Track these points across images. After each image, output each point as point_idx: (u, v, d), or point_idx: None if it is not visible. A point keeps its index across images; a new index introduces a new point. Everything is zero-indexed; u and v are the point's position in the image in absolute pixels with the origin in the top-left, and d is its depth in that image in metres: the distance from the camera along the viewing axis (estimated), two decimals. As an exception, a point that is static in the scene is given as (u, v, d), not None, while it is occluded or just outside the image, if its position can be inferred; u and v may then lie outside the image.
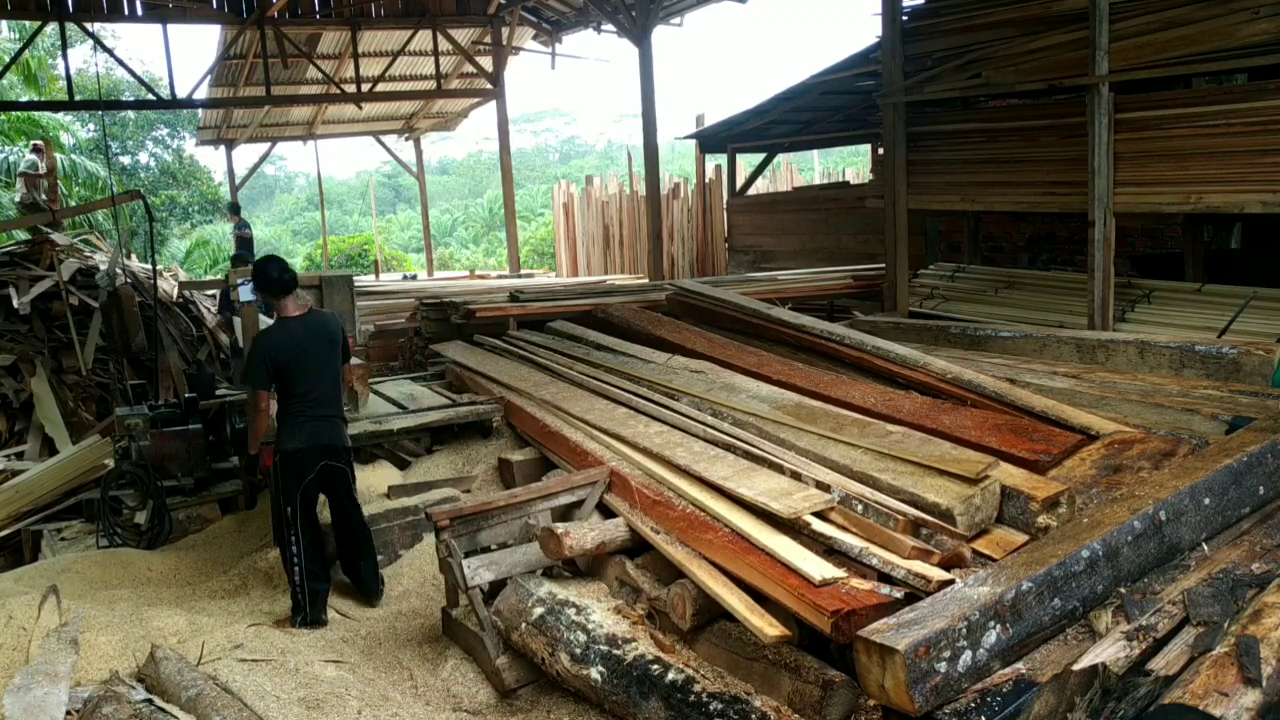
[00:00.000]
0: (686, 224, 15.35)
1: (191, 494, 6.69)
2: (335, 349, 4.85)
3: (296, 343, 4.68)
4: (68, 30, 12.95)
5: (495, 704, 4.08)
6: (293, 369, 4.65)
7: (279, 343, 4.69)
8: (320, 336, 4.77)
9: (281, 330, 4.75)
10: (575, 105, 55.89)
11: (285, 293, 4.77)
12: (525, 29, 15.84)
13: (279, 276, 4.77)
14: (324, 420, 4.78)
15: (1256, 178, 6.16)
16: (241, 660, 4.28)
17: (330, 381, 4.80)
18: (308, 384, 4.71)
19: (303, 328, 4.74)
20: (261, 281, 4.79)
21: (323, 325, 4.83)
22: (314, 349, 4.72)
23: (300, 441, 4.73)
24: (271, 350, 4.66)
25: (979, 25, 7.52)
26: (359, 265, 21.40)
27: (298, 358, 4.65)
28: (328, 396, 4.79)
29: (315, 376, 4.72)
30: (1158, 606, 3.19)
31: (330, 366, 4.80)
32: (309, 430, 4.73)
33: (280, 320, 4.78)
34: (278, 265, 4.84)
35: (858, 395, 5.47)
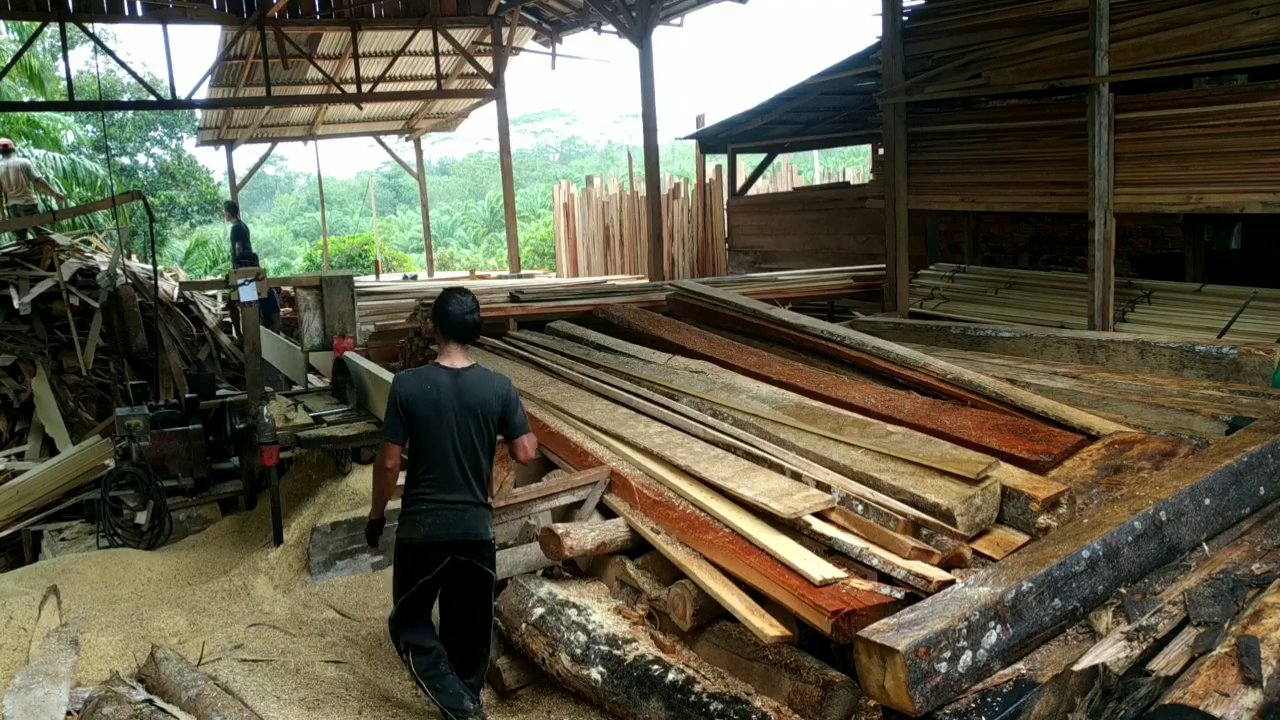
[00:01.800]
0: (687, 224, 15.35)
1: (192, 494, 6.71)
2: (487, 423, 3.76)
3: (437, 395, 3.68)
4: (68, 31, 12.95)
5: (496, 704, 4.08)
6: (423, 427, 3.67)
7: (414, 389, 3.70)
8: (471, 400, 3.71)
9: (424, 375, 3.77)
10: (575, 106, 55.94)
11: (459, 339, 3.81)
12: (525, 29, 15.84)
13: (462, 317, 3.79)
14: (454, 507, 3.70)
15: (1257, 178, 6.16)
16: (242, 660, 4.29)
17: (469, 460, 3.72)
18: (438, 454, 3.67)
19: (452, 380, 3.72)
20: (438, 313, 3.83)
21: (479, 387, 3.75)
22: (456, 412, 3.68)
23: (420, 534, 3.69)
24: (403, 395, 3.70)
25: (979, 25, 7.52)
26: (359, 265, 21.39)
27: (432, 415, 3.66)
28: (464, 478, 3.71)
29: (449, 448, 3.68)
30: (1158, 607, 3.19)
31: (473, 441, 3.72)
32: (432, 520, 3.68)
33: (431, 365, 3.83)
34: (463, 304, 3.82)
35: (858, 395, 5.47)
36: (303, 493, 6.42)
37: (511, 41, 15.80)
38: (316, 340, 6.52)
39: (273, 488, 5.97)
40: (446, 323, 3.79)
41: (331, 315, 6.48)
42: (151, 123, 25.15)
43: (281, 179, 44.44)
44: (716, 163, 15.01)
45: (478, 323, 3.85)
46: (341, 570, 5.65)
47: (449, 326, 3.79)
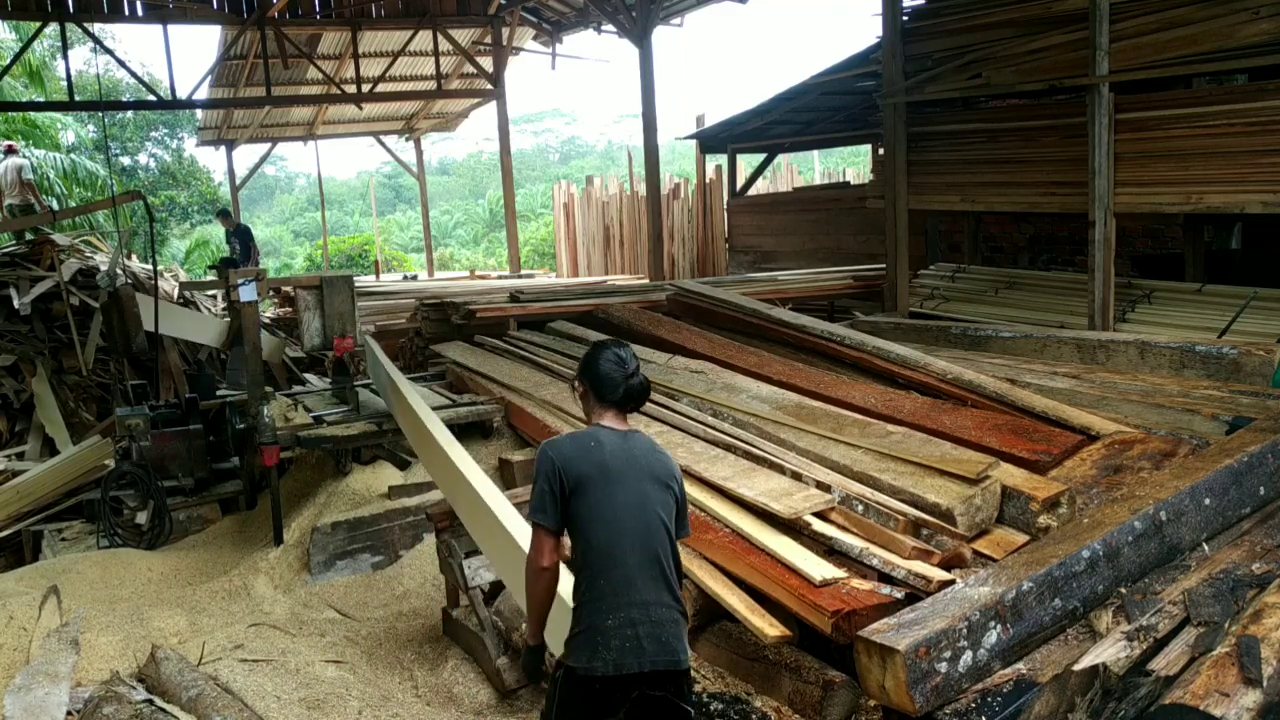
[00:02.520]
0: (687, 224, 15.35)
1: (192, 494, 6.70)
2: (671, 496, 2.77)
3: (604, 455, 2.71)
4: (68, 31, 12.95)
5: (496, 704, 4.08)
6: (591, 501, 2.65)
7: (572, 449, 2.72)
8: (649, 465, 2.75)
9: (585, 438, 2.78)
10: (576, 105, 55.89)
11: (619, 406, 2.85)
12: (525, 29, 15.84)
13: (624, 380, 2.84)
14: (648, 618, 2.60)
15: (1257, 178, 6.16)
16: (242, 661, 4.29)
17: (660, 545, 2.68)
18: (616, 538, 2.63)
19: (621, 441, 2.77)
20: (590, 373, 2.87)
21: (653, 453, 2.82)
22: (634, 477, 2.70)
23: (605, 661, 2.56)
24: (559, 457, 2.70)
25: (979, 25, 7.52)
26: (359, 266, 21.38)
27: (601, 481, 2.67)
28: (656, 571, 2.65)
29: (631, 528, 2.65)
30: (1158, 607, 3.19)
31: (660, 517, 2.70)
32: (621, 639, 2.57)
33: (593, 427, 2.85)
34: (620, 362, 2.88)
35: (858, 395, 5.47)
36: (303, 493, 6.42)
37: (511, 41, 15.80)
38: (316, 340, 6.51)
39: (273, 488, 5.97)
40: (600, 386, 2.84)
41: (331, 315, 6.47)
42: (153, 123, 25.16)
43: (281, 179, 44.43)
44: (716, 163, 15.01)
45: (645, 385, 2.90)
46: (342, 570, 5.65)
47: (604, 391, 2.84)
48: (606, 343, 3.03)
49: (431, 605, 5.06)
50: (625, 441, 2.79)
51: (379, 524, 5.80)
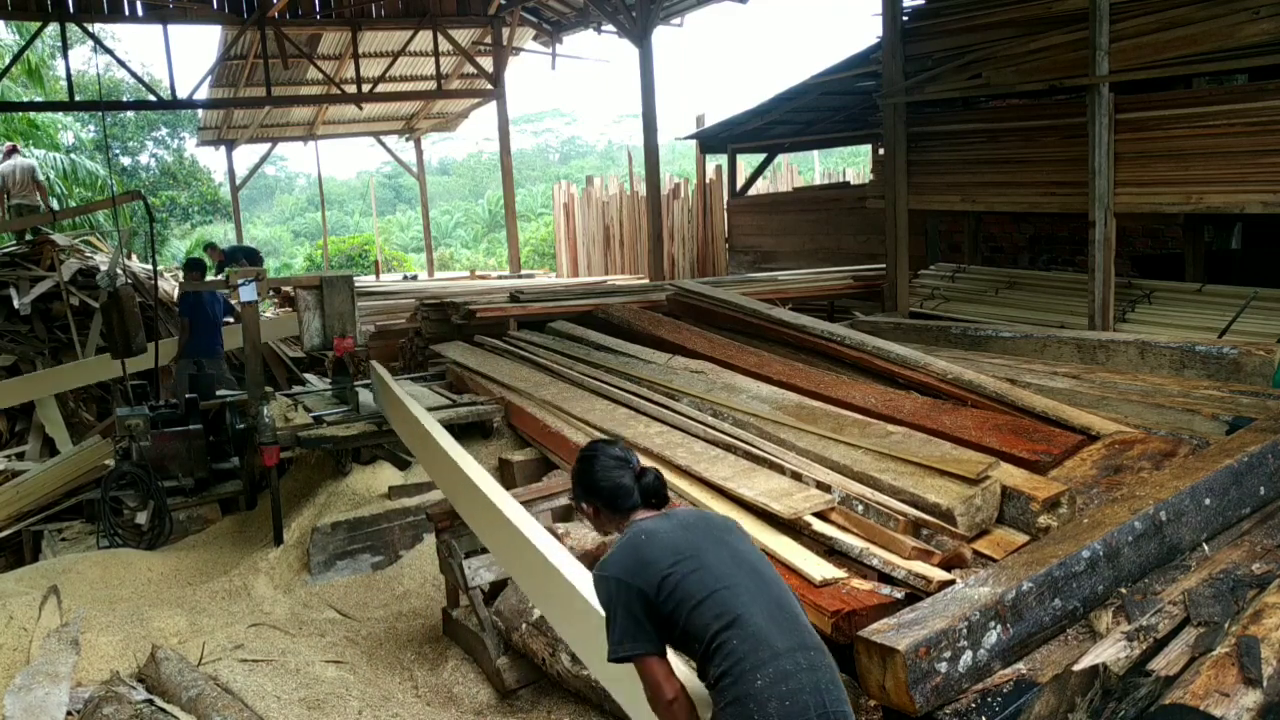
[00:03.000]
0: (687, 224, 15.35)
1: (192, 494, 6.70)
2: (746, 539, 2.50)
3: (669, 543, 2.37)
4: (68, 31, 12.95)
5: (496, 704, 4.09)
6: (682, 589, 2.29)
7: (633, 561, 2.36)
8: (711, 525, 2.48)
9: (631, 534, 2.46)
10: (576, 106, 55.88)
11: (634, 511, 2.57)
12: (525, 29, 15.84)
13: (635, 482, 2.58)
14: (799, 665, 2.22)
15: (1257, 178, 6.16)
16: (242, 661, 4.29)
17: (775, 586, 2.37)
18: (728, 601, 2.27)
19: (668, 522, 2.46)
20: (588, 488, 2.61)
21: (704, 516, 2.60)
22: (710, 544, 2.38)
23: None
24: (630, 577, 2.33)
25: (979, 25, 7.52)
26: (359, 266, 21.38)
27: (680, 566, 2.31)
28: (785, 614, 2.31)
29: (739, 583, 2.31)
30: (1158, 607, 3.19)
31: (759, 561, 2.43)
32: (777, 697, 2.18)
33: (631, 526, 2.50)
34: (623, 463, 2.61)
35: (858, 396, 5.47)
36: (303, 493, 6.42)
37: (511, 41, 15.80)
38: (316, 340, 6.51)
39: (273, 488, 5.98)
40: (613, 499, 2.55)
41: (332, 315, 6.47)
42: (154, 123, 25.16)
43: (282, 179, 44.43)
44: (717, 163, 15.01)
45: (660, 480, 2.59)
46: (342, 570, 5.65)
47: (618, 502, 2.55)
48: (595, 449, 2.66)
49: (431, 605, 5.06)
50: (670, 518, 2.48)
51: (379, 524, 5.80)
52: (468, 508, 4.37)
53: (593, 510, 2.62)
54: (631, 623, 2.29)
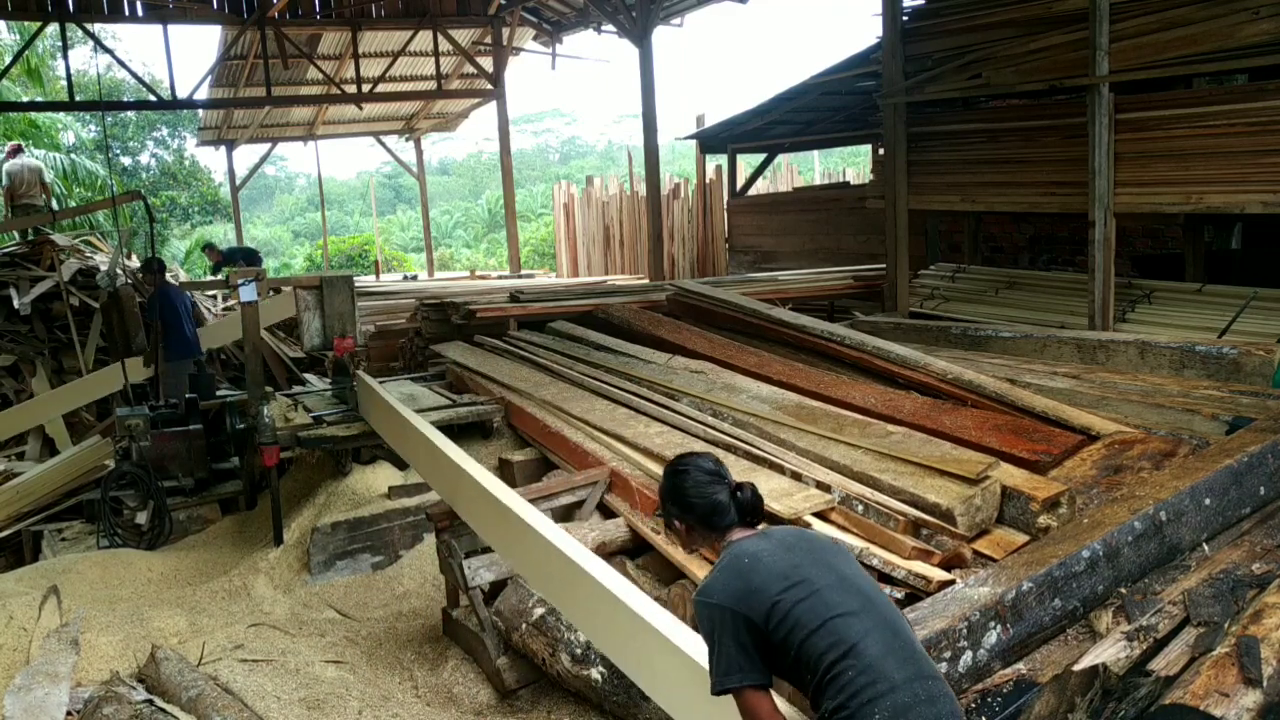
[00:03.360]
0: (687, 224, 15.35)
1: (192, 494, 6.70)
2: (851, 561, 2.36)
3: (776, 565, 2.24)
4: (68, 31, 12.95)
5: (496, 704, 4.08)
6: (793, 611, 2.16)
7: (739, 587, 2.22)
8: (813, 545, 2.33)
9: (733, 555, 2.31)
10: (576, 106, 55.93)
11: (728, 526, 2.42)
12: (525, 29, 15.84)
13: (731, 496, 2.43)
14: (913, 692, 2.09)
15: (1257, 178, 6.16)
16: (242, 661, 4.29)
17: (888, 612, 2.23)
18: (841, 629, 2.13)
19: (769, 542, 2.32)
20: (680, 504, 2.46)
21: (807, 534, 2.43)
22: (816, 567, 2.24)
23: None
24: (736, 603, 2.20)
25: (980, 25, 7.52)
26: (359, 266, 21.38)
27: (793, 582, 2.19)
28: (898, 641, 2.16)
29: (851, 609, 2.17)
30: (1158, 607, 3.19)
31: (869, 585, 2.29)
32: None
33: (726, 549, 2.37)
34: (717, 477, 2.47)
35: (858, 396, 5.47)
36: (303, 493, 6.42)
37: (511, 41, 15.80)
38: (316, 340, 6.51)
39: (273, 488, 5.97)
40: (709, 515, 2.41)
41: (331, 315, 6.47)
42: (154, 123, 25.16)
43: (282, 179, 44.43)
44: (717, 163, 15.01)
45: (756, 495, 2.44)
46: (342, 570, 5.65)
47: (714, 519, 2.41)
48: (687, 463, 2.49)
49: (431, 605, 5.06)
50: (769, 538, 2.33)
51: (379, 524, 5.80)
52: (469, 508, 4.38)
53: (685, 529, 2.46)
54: (740, 653, 2.15)
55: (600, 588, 3.15)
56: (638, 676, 3.09)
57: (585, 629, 3.55)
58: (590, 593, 3.25)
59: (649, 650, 2.92)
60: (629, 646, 3.08)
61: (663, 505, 2.52)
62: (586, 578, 3.27)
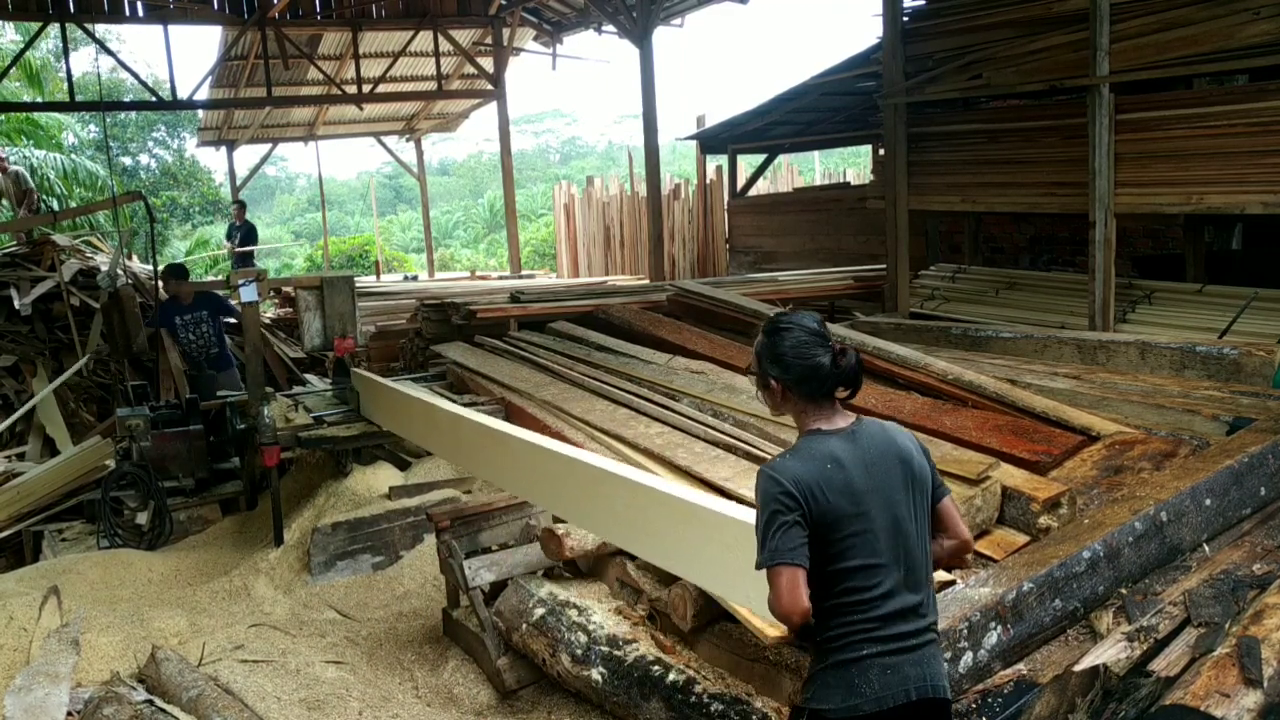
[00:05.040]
0: (687, 225, 15.35)
1: (192, 495, 6.71)
2: (921, 489, 2.36)
3: (852, 481, 2.25)
4: (69, 31, 12.95)
5: (496, 705, 4.09)
6: (845, 536, 2.23)
7: (814, 478, 2.22)
8: (892, 468, 2.31)
9: (819, 454, 2.28)
10: (576, 106, 55.93)
11: (827, 393, 2.36)
12: (526, 30, 15.84)
13: (832, 365, 2.33)
14: (912, 647, 2.26)
15: (1257, 178, 6.16)
16: (243, 661, 4.29)
17: (919, 559, 2.32)
18: (872, 565, 2.24)
19: (856, 451, 2.29)
20: (776, 361, 2.35)
21: (890, 445, 2.35)
22: (883, 493, 2.28)
23: (865, 698, 2.22)
24: (805, 490, 2.21)
25: (980, 26, 7.52)
26: (360, 266, 21.39)
27: (856, 514, 2.23)
28: (917, 592, 2.30)
29: (891, 550, 2.26)
30: (1159, 607, 3.19)
31: (916, 525, 2.32)
32: (881, 671, 2.23)
33: (810, 435, 2.34)
34: (807, 333, 2.36)
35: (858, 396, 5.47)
36: (303, 493, 6.43)
37: (512, 42, 15.81)
38: (317, 340, 6.52)
39: (273, 488, 5.98)
40: (806, 379, 2.33)
41: (332, 316, 6.47)
42: (154, 123, 25.18)
43: (282, 179, 44.44)
44: (717, 163, 15.02)
45: (859, 363, 2.38)
46: (342, 571, 5.65)
47: (810, 385, 2.33)
48: (790, 317, 2.38)
49: (432, 606, 5.06)
50: (859, 447, 2.29)
51: (379, 524, 5.80)
52: (479, 457, 4.71)
53: (780, 388, 2.35)
54: (793, 537, 2.17)
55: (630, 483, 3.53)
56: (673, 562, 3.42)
57: (612, 534, 3.81)
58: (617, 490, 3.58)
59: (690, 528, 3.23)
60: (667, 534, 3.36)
61: (758, 363, 2.39)
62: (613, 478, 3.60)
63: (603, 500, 3.69)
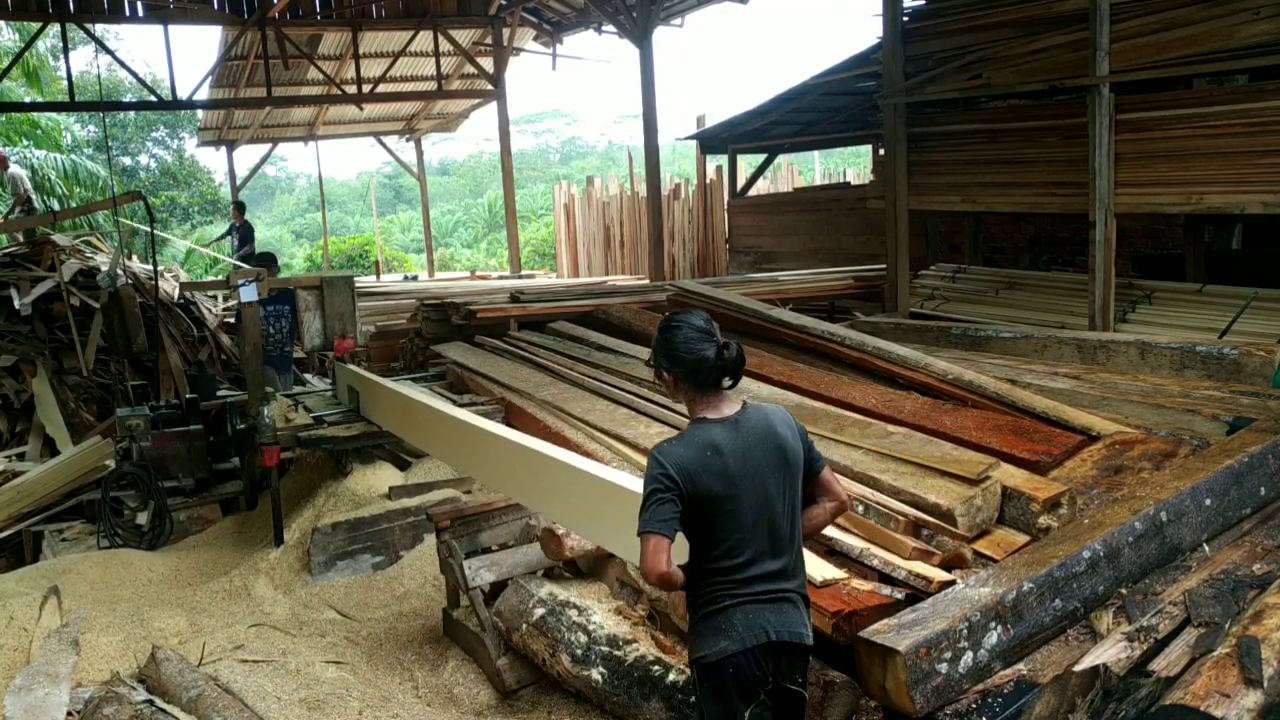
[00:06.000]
0: (687, 225, 15.35)
1: (192, 495, 6.71)
2: (793, 472, 2.66)
3: (727, 467, 2.54)
4: (69, 31, 12.95)
5: (496, 705, 4.09)
6: (717, 515, 2.55)
7: (695, 464, 2.53)
8: (768, 454, 2.61)
9: (700, 442, 2.57)
10: (576, 106, 55.94)
11: (714, 384, 2.63)
12: (526, 30, 15.84)
13: (716, 358, 2.60)
14: (770, 600, 2.60)
15: (1257, 178, 6.16)
16: (243, 661, 4.29)
17: (784, 532, 2.63)
18: (739, 538, 2.56)
19: (736, 439, 2.58)
20: (669, 355, 2.65)
21: (769, 432, 2.63)
22: (756, 477, 2.58)
23: (731, 639, 2.55)
24: (684, 474, 2.51)
25: (980, 26, 7.52)
26: (360, 266, 21.39)
27: (728, 495, 2.54)
28: (779, 559, 2.62)
29: (757, 525, 2.58)
30: (1159, 607, 3.19)
31: (784, 504, 2.63)
32: (742, 619, 2.56)
33: (697, 424, 2.64)
34: (696, 330, 2.64)
35: (859, 396, 5.47)
36: (303, 493, 6.43)
37: (512, 42, 15.81)
38: (317, 340, 6.53)
39: (273, 488, 5.98)
40: (694, 371, 2.60)
41: (332, 316, 6.48)
42: (153, 123, 25.18)
43: (282, 179, 44.44)
44: (717, 163, 15.02)
45: (741, 356, 2.63)
46: (342, 571, 5.65)
47: (698, 376, 2.60)
48: (681, 315, 2.70)
49: (432, 606, 5.06)
50: (739, 435, 2.58)
51: (379, 524, 5.81)
52: (477, 460, 4.65)
53: (672, 379, 2.68)
54: (666, 511, 2.49)
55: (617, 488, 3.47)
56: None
57: (604, 539, 3.78)
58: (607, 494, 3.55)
59: None
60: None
61: (654, 356, 2.72)
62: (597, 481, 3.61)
63: (590, 504, 3.66)
